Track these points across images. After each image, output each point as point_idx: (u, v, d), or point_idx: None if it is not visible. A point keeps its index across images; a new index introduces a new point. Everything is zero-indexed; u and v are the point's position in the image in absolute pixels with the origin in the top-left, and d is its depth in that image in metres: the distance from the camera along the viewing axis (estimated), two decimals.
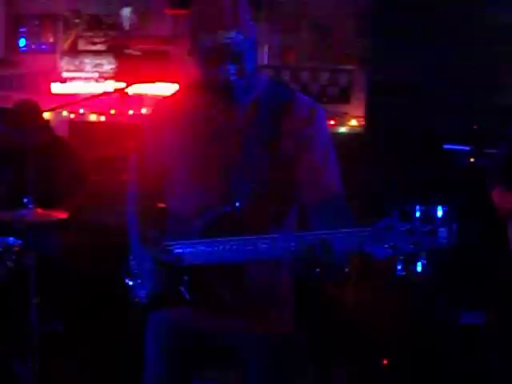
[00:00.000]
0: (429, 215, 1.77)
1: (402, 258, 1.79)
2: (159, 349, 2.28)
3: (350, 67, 5.08)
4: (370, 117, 4.87)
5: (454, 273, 3.92)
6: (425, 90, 4.68)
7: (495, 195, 3.13)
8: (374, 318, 3.82)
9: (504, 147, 3.22)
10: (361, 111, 4.96)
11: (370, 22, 4.88)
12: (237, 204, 2.09)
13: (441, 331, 3.80)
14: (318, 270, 1.90)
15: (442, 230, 1.75)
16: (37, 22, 5.71)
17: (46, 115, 4.40)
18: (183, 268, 2.07)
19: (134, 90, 4.92)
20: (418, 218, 1.77)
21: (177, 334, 2.23)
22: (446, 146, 4.24)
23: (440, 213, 1.76)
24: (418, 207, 1.77)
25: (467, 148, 4.13)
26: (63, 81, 5.52)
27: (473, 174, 3.49)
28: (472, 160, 4.16)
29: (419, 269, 1.79)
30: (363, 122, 4.94)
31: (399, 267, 1.80)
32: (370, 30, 4.89)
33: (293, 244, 1.90)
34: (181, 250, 2.08)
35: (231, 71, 2.03)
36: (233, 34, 1.99)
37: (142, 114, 5.15)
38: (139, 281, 2.21)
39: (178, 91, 2.31)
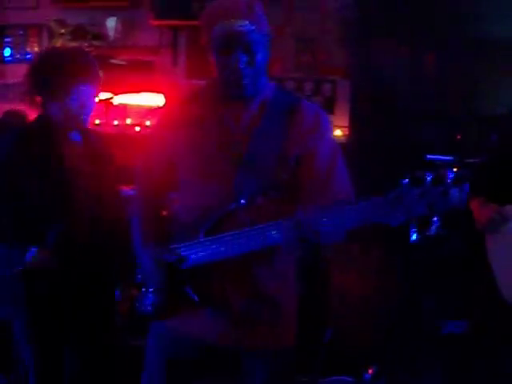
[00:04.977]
0: (439, 178, 1.80)
1: (415, 223, 1.82)
2: (160, 360, 2.28)
3: (334, 78, 5.10)
4: (354, 127, 4.89)
5: (439, 282, 3.93)
6: (409, 100, 4.71)
7: (474, 206, 3.07)
8: (358, 328, 3.83)
9: (484, 157, 3.19)
10: (345, 121, 4.97)
11: (354, 33, 4.90)
12: (242, 201, 2.11)
13: (424, 340, 3.81)
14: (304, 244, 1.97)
15: (453, 190, 1.78)
16: (21, 32, 5.70)
17: None
18: (188, 269, 2.10)
19: (119, 100, 4.93)
20: (429, 181, 1.80)
21: (178, 346, 2.23)
22: (428, 157, 4.27)
23: (451, 175, 1.79)
24: (427, 173, 1.81)
25: (450, 158, 4.15)
26: None
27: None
28: (455, 170, 4.18)
29: (433, 232, 1.81)
30: (347, 132, 4.95)
31: (413, 233, 1.82)
32: (354, 41, 4.92)
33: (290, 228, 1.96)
34: (187, 253, 2.10)
35: (241, 59, 2.07)
36: (246, 22, 2.05)
37: (126, 125, 5.15)
38: (144, 290, 2.22)
39: (187, 96, 2.36)
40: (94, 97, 2.84)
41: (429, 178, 1.81)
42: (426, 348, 3.77)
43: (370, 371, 3.73)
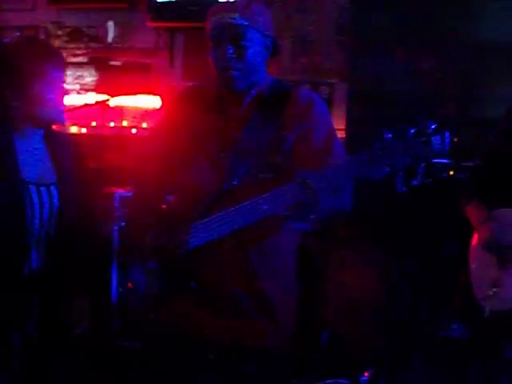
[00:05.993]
0: (421, 130, 1.84)
1: (400, 173, 1.86)
2: (157, 358, 2.29)
3: (331, 80, 5.11)
4: (351, 130, 4.89)
5: (434, 285, 3.93)
6: (405, 103, 4.71)
7: (470, 213, 2.99)
8: (355, 330, 3.83)
9: (479, 160, 3.15)
10: (342, 124, 4.98)
11: (351, 36, 4.91)
12: (234, 183, 2.14)
13: (421, 343, 3.81)
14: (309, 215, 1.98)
15: (435, 137, 1.82)
16: (18, 34, 5.70)
17: None
18: (185, 256, 2.12)
19: (115, 102, 4.93)
20: (411, 134, 1.84)
21: (174, 344, 2.24)
22: None
23: (432, 126, 1.83)
24: (410, 127, 1.85)
25: (446, 161, 4.15)
26: None
27: (452, 186, 3.49)
28: (451, 173, 4.18)
29: (419, 181, 1.85)
30: (344, 135, 4.96)
31: (399, 184, 1.86)
32: (350, 44, 4.93)
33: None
34: (184, 239, 2.12)
35: (229, 51, 2.11)
36: (237, 15, 2.10)
37: (122, 127, 5.15)
38: (138, 284, 2.24)
39: (183, 96, 2.40)
40: (61, 82, 2.52)
41: (411, 131, 1.86)
42: (423, 351, 3.77)
43: (367, 374, 3.72)
